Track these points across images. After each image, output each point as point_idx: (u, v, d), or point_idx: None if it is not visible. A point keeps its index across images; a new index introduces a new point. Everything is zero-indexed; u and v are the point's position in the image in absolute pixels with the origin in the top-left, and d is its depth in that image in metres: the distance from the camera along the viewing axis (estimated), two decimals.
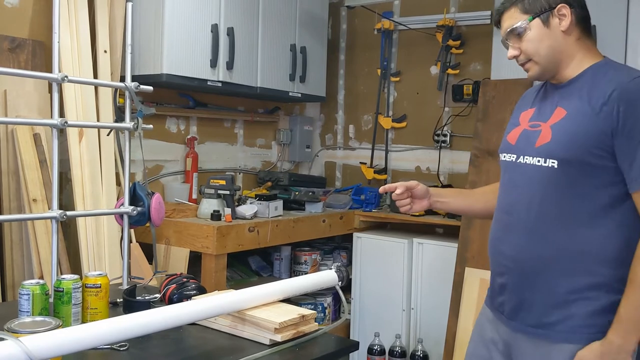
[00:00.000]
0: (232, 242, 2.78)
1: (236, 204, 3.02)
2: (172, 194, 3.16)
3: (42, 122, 2.16)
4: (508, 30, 1.46)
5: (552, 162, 1.39)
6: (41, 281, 1.47)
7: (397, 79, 3.75)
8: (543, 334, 1.42)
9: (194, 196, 3.23)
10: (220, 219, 2.83)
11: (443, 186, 3.44)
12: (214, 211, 2.84)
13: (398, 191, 1.67)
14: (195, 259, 2.79)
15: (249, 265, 3.47)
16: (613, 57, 2.65)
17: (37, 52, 2.65)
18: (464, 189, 1.76)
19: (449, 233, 3.32)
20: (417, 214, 3.25)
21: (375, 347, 3.17)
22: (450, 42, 3.47)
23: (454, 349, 2.85)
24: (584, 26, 1.47)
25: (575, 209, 1.38)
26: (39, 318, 1.29)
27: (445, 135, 3.56)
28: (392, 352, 3.15)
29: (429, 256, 3.21)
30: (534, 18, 1.43)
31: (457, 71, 3.51)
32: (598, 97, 1.37)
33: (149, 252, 2.68)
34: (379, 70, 3.75)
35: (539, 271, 1.42)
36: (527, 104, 1.59)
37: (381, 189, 1.74)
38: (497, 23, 1.52)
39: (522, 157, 1.47)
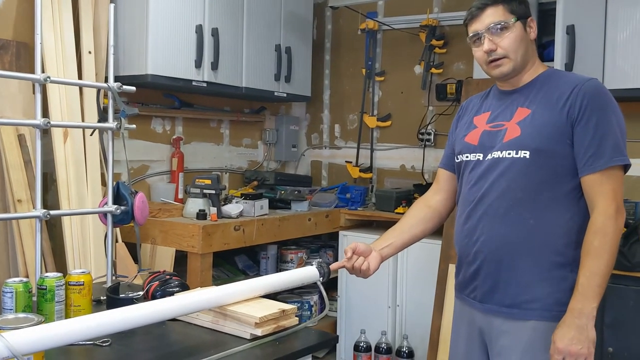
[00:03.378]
0: (217, 241, 2.80)
1: (222, 203, 3.04)
2: (158, 194, 3.18)
3: (24, 123, 2.17)
4: (492, 24, 1.55)
5: (525, 153, 1.51)
6: (24, 279, 1.48)
7: (382, 78, 3.79)
8: (517, 313, 1.53)
9: (180, 196, 3.25)
10: (206, 218, 2.85)
11: (427, 184, 3.48)
12: (200, 210, 2.86)
13: (348, 254, 1.70)
14: (181, 258, 2.81)
15: (235, 264, 3.49)
16: (592, 56, 2.72)
17: (22, 54, 2.65)
18: (395, 226, 1.84)
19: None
20: (402, 211, 3.29)
21: (361, 344, 3.20)
22: (434, 42, 3.51)
23: (438, 344, 2.89)
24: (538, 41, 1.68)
25: (543, 195, 1.51)
26: (21, 315, 1.30)
27: (429, 134, 3.60)
28: (377, 349, 3.18)
29: (414, 253, 3.24)
30: (518, 20, 1.56)
31: (441, 70, 3.55)
32: (560, 95, 1.52)
33: (135, 252, 2.69)
34: (363, 70, 3.79)
35: (512, 254, 1.53)
36: (475, 110, 1.72)
37: (333, 267, 1.73)
38: (475, 17, 1.58)
39: (490, 153, 1.58)
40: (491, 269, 1.56)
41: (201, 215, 2.85)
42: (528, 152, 1.51)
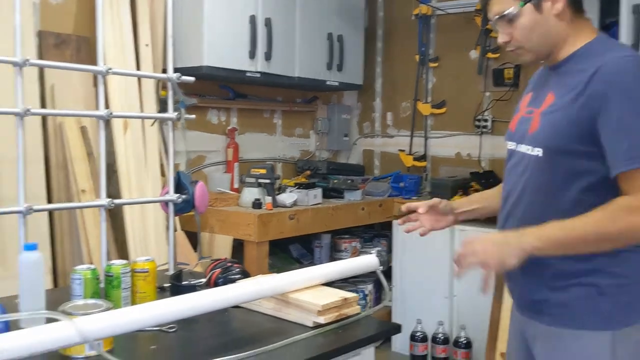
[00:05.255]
0: (273, 229, 2.82)
1: (276, 192, 3.05)
2: (215, 184, 3.22)
3: (89, 114, 2.23)
4: (498, 15, 1.38)
5: (538, 151, 1.36)
6: (92, 266, 1.52)
7: (436, 64, 3.71)
8: (537, 317, 1.41)
9: (236, 185, 3.29)
10: (261, 207, 2.87)
11: (484, 172, 3.40)
12: (255, 200, 2.89)
13: (421, 210, 1.61)
14: (238, 247, 2.85)
15: (289, 253, 3.51)
16: None
17: (82, 48, 2.73)
18: (485, 191, 1.73)
19: (492, 219, 3.27)
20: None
21: (418, 334, 3.17)
22: (490, 26, 3.40)
23: (497, 335, 2.82)
24: (577, 7, 1.39)
25: (560, 197, 1.34)
26: (90, 301, 1.33)
27: (486, 121, 3.51)
28: (434, 339, 3.15)
29: None
30: (525, 3, 1.35)
31: (498, 55, 3.45)
32: (581, 80, 1.30)
33: (192, 240, 2.74)
34: (417, 57, 3.72)
35: (531, 261, 1.34)
36: (529, 88, 1.54)
37: (404, 207, 1.66)
38: (485, 6, 1.43)
39: (519, 145, 1.43)
40: (513, 272, 1.40)
41: (257, 204, 2.88)
42: (541, 150, 1.34)
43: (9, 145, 2.29)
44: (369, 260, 1.63)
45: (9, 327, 1.13)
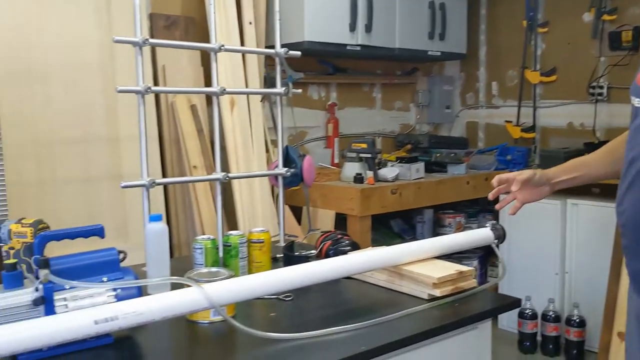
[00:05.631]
0: (375, 204, 2.81)
1: (377, 167, 3.03)
2: (316, 159, 3.23)
3: (204, 90, 2.31)
4: None
5: None
6: (211, 237, 1.58)
7: (545, 29, 3.51)
8: None
9: (336, 160, 3.31)
10: (362, 182, 2.87)
11: (600, 143, 3.19)
12: (357, 174, 2.88)
13: (514, 188, 1.49)
14: (340, 221, 2.86)
15: (391, 228, 3.49)
16: None
17: (190, 28, 2.82)
18: (584, 157, 1.56)
19: (607, 193, 3.08)
20: None
21: (527, 311, 3.07)
22: None
23: (614, 315, 2.67)
24: None
25: None
26: (213, 269, 1.39)
27: (601, 88, 3.29)
28: (544, 317, 3.02)
29: (585, 218, 3.01)
30: None
31: (614, 17, 3.20)
32: None
33: (295, 214, 2.79)
34: (524, 22, 3.53)
35: None
36: None
37: (494, 181, 1.54)
38: None
39: None
40: (630, 248, 1.26)
41: (358, 178, 2.87)
42: None
43: (126, 125, 2.44)
44: (483, 234, 1.59)
45: (141, 292, 1.20)
